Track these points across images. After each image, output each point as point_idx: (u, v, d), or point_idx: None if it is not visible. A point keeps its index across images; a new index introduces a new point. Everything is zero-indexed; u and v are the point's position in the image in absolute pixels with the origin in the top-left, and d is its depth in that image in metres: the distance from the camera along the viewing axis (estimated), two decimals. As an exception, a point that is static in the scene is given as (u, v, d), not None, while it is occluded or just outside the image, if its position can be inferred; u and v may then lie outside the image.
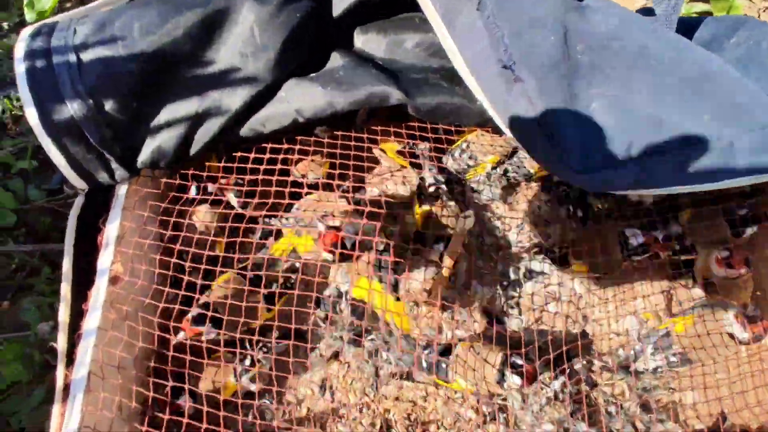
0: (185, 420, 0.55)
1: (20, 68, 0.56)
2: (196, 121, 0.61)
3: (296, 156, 0.69)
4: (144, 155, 0.61)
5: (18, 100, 0.92)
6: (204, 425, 0.53)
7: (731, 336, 0.65)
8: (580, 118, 0.60)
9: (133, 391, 0.56)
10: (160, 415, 0.55)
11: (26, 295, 0.78)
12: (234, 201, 0.69)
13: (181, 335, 0.61)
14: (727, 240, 0.71)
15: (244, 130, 0.63)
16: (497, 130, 0.75)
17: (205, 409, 0.55)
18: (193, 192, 0.67)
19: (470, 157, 0.75)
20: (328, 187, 0.69)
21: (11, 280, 0.80)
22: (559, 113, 0.60)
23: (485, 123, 0.67)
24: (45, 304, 0.76)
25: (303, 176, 0.75)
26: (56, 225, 0.84)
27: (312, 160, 0.75)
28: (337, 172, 0.67)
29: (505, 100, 0.60)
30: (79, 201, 0.64)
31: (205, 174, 0.66)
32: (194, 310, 0.61)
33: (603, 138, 0.59)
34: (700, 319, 0.66)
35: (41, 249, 0.81)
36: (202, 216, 0.67)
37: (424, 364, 0.66)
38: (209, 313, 0.61)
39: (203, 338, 0.61)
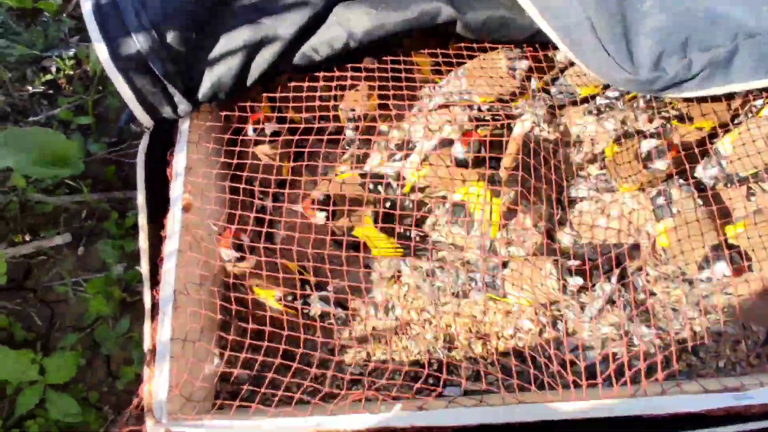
0: (267, 328, 0.59)
1: (86, 6, 0.59)
2: (252, 50, 0.63)
3: (347, 86, 0.71)
4: (204, 87, 0.63)
5: (70, 59, 0.96)
6: (285, 332, 0.57)
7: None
8: (635, 19, 0.60)
9: (216, 305, 0.60)
10: (243, 324, 0.59)
11: (98, 240, 0.83)
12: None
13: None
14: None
15: (297, 58, 0.65)
16: (545, 46, 0.75)
17: (285, 317, 0.58)
18: (250, 132, 0.69)
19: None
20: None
21: (84, 228, 0.85)
22: (613, 16, 0.60)
23: (534, 37, 0.67)
24: (117, 247, 0.81)
25: (352, 110, 0.76)
26: (119, 174, 0.88)
27: (357, 91, 0.76)
28: (390, 102, 0.68)
29: (556, 5, 0.60)
30: (145, 139, 0.67)
31: (262, 105, 0.69)
32: (318, 193, 0.66)
33: (660, 37, 0.59)
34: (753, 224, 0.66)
35: (108, 197, 0.86)
36: (264, 149, 0.70)
37: (479, 283, 0.69)
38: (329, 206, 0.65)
39: (314, 219, 0.65)
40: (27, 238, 0.85)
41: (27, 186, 0.85)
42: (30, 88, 0.95)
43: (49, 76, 0.96)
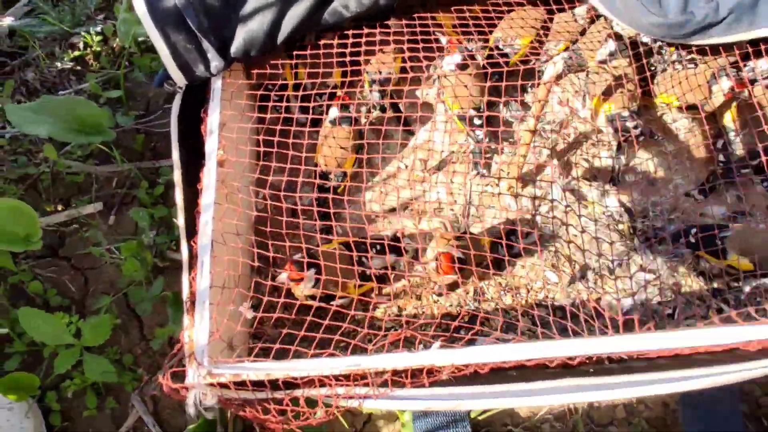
0: (305, 274, 0.59)
1: (124, -38, 0.60)
2: (283, 5, 0.64)
3: (374, 45, 0.72)
4: (237, 43, 0.65)
5: (97, 35, 0.97)
6: (323, 276, 0.58)
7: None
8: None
9: (253, 253, 0.61)
10: (280, 270, 0.60)
11: (129, 209, 0.85)
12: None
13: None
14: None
15: (327, 15, 0.66)
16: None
17: (323, 262, 0.59)
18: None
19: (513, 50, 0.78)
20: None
21: (115, 196, 0.87)
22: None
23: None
24: (147, 214, 0.83)
25: (378, 72, 0.77)
26: (148, 144, 0.90)
27: (383, 53, 0.77)
28: (415, 64, 0.69)
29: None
30: (177, 99, 0.69)
31: (293, 62, 0.70)
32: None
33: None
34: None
35: (138, 166, 0.87)
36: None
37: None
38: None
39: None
40: (60, 208, 0.86)
41: (58, 158, 0.86)
42: (59, 64, 0.97)
43: (77, 53, 0.98)
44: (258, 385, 0.55)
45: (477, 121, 0.73)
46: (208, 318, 0.56)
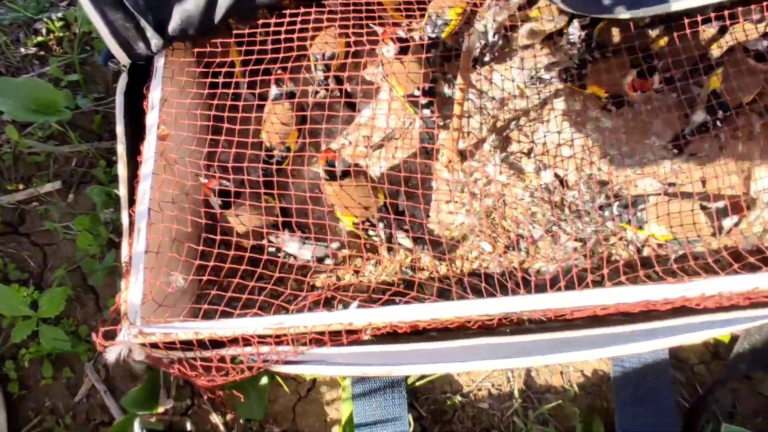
0: (234, 238, 0.62)
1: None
2: (218, -16, 0.67)
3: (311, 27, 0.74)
4: (174, 22, 0.67)
5: (59, 20, 1.00)
6: (250, 241, 0.61)
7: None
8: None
9: (188, 220, 0.63)
10: (211, 235, 0.62)
11: (87, 188, 0.87)
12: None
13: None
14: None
15: (262, -6, 0.69)
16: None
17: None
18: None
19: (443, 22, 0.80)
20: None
21: (74, 175, 0.90)
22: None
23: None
24: (104, 192, 0.85)
25: (322, 52, 0.80)
26: (105, 125, 0.93)
27: (326, 33, 0.80)
28: (359, 48, 0.71)
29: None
30: (124, 76, 0.71)
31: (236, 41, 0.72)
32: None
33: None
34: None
35: (96, 146, 0.90)
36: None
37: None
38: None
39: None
40: (20, 186, 0.89)
41: (20, 138, 0.89)
42: (23, 50, 0.99)
43: (40, 38, 1.00)
44: (187, 344, 0.58)
45: (422, 101, 0.76)
46: (141, 281, 0.59)
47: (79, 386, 0.78)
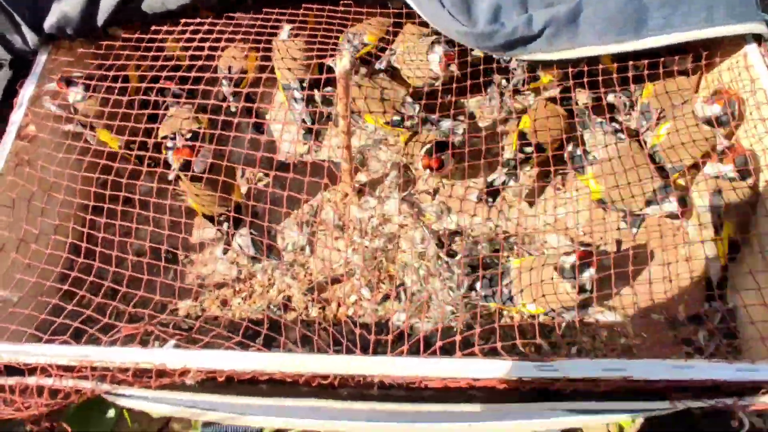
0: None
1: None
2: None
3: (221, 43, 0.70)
4: (50, 19, 0.64)
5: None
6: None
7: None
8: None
9: (25, 229, 0.58)
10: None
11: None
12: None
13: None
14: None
15: (146, 4, 0.65)
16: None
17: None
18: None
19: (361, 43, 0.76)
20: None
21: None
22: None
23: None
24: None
25: (229, 69, 0.76)
26: None
27: (234, 48, 0.76)
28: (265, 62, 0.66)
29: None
30: (5, 71, 0.68)
31: (117, 44, 0.68)
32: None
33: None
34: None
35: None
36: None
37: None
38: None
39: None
40: None
41: None
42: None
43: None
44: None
45: (297, 95, 0.72)
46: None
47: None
